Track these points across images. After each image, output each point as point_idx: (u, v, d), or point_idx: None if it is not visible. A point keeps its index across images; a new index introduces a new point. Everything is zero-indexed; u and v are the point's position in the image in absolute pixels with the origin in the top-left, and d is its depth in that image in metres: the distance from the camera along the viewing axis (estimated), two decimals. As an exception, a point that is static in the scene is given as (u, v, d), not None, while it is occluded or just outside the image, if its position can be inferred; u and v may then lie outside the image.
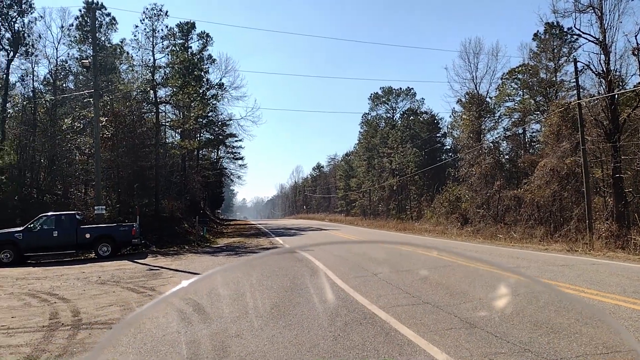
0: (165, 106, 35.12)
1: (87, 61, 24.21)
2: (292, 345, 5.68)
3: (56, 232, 19.04)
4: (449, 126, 55.39)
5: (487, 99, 41.75)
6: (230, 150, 61.82)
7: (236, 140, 57.99)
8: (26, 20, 32.28)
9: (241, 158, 64.08)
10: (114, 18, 38.91)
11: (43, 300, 9.91)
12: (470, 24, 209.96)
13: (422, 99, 69.72)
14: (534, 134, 41.16)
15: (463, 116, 42.85)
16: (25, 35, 32.11)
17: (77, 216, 20.39)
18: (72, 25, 36.73)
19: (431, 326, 6.59)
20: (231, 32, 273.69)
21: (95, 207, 22.34)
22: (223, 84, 46.18)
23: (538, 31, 36.73)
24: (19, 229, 19.09)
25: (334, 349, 5.56)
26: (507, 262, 13.73)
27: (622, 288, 9.11)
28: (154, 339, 6.12)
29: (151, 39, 29.47)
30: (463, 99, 42.53)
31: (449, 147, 59.30)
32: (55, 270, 15.45)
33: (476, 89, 40.99)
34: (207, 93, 44.00)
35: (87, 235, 19.34)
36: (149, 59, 29.57)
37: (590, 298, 8.15)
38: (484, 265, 13.03)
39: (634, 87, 24.44)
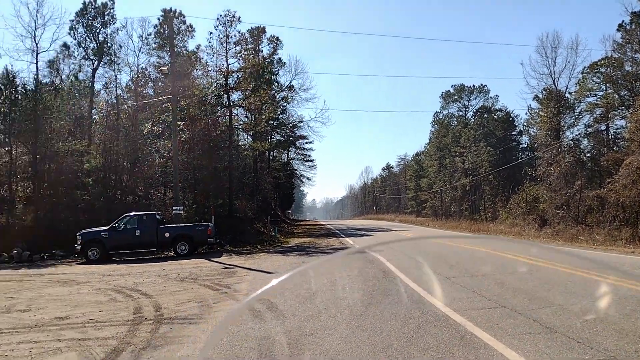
0: (237, 109, 36.11)
1: (165, 68, 25.37)
2: (365, 345, 5.69)
3: (138, 231, 20.07)
4: (525, 124, 53.21)
5: (567, 95, 39.79)
6: (300, 152, 62.68)
7: (306, 142, 58.72)
8: (109, 31, 34.27)
9: (311, 159, 64.82)
10: (190, 25, 40.42)
11: (127, 296, 10.48)
12: (547, 18, 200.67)
13: (496, 95, 67.53)
14: (619, 130, 38.79)
15: (540, 113, 41.12)
16: (109, 44, 34.11)
17: (158, 216, 21.39)
18: (151, 34, 38.58)
19: (509, 330, 6.38)
20: (300, 34, 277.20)
21: (174, 208, 23.33)
22: (293, 86, 46.90)
23: (623, 21, 34.60)
24: (104, 228, 20.27)
25: (408, 351, 5.51)
26: (590, 266, 13.03)
27: None
28: (229, 334, 6.31)
29: (224, 44, 30.42)
30: (540, 95, 40.84)
31: (525, 146, 57.02)
32: (138, 267, 16.29)
33: (554, 84, 39.20)
34: (278, 95, 44.87)
35: (167, 235, 20.25)
36: (222, 64, 30.54)
37: (685, 306, 7.59)
38: (564, 268, 12.44)
39: None
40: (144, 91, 39.19)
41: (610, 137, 39.40)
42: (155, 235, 20.15)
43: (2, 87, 27.50)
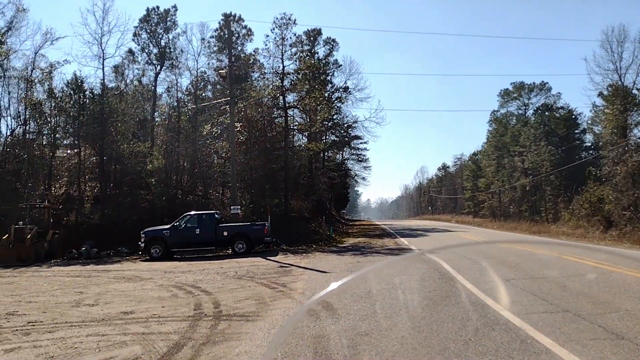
0: (293, 110, 36.56)
1: (223, 71, 25.99)
2: (421, 347, 5.66)
3: (198, 229, 20.69)
4: (589, 122, 51.06)
5: (634, 91, 37.90)
6: (354, 152, 62.64)
7: (361, 142, 58.64)
8: (171, 36, 35.52)
9: (366, 159, 64.66)
10: (249, 29, 41.33)
11: (188, 292, 10.84)
12: (612, 10, 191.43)
13: (559, 93, 65.14)
14: (693, 127, 36.58)
15: (605, 110, 39.35)
16: (170, 49, 35.34)
17: (216, 215, 21.97)
18: (212, 37, 39.63)
19: (572, 335, 6.19)
20: (355, 35, 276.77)
21: (232, 207, 23.89)
22: (347, 86, 46.96)
23: (697, 11, 32.61)
24: (166, 226, 21.02)
25: (465, 354, 5.45)
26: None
27: None
28: (285, 332, 6.42)
29: (280, 47, 30.90)
30: (605, 92, 39.13)
31: (589, 144, 54.73)
32: (198, 265, 16.80)
33: (620, 80, 37.47)
34: (332, 96, 45.03)
35: (225, 233, 20.77)
36: (279, 66, 31.01)
37: None
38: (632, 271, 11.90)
39: None
40: (203, 94, 40.36)
41: (683, 134, 37.19)
42: (214, 233, 20.71)
43: (72, 92, 29.06)
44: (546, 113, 59.20)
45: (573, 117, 56.07)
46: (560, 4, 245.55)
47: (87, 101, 29.08)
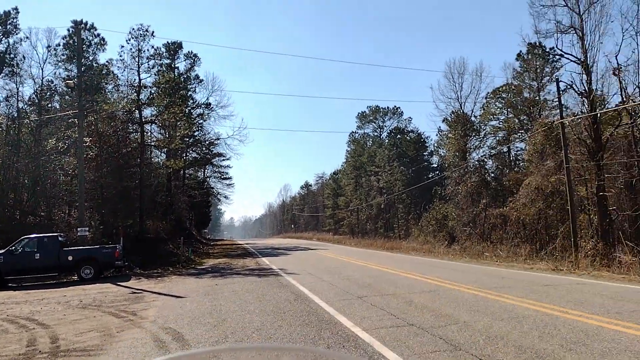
0: (150, 126, 35.02)
1: (71, 82, 24.11)
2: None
3: (38, 254, 18.69)
4: (436, 145, 55.84)
5: (472, 118, 42.22)
6: (217, 170, 61.73)
7: (223, 160, 57.96)
8: (11, 41, 32.21)
9: (229, 177, 64.01)
10: (103, 38, 38.91)
11: (21, 326, 9.67)
12: (455, 44, 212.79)
13: (409, 117, 70.45)
14: (519, 152, 41.57)
15: (449, 135, 43.21)
16: (10, 55, 32.00)
17: (60, 238, 20.06)
18: (59, 45, 36.68)
19: (416, 349, 6.52)
20: (218, 52, 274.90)
21: (79, 229, 22.04)
22: (210, 103, 46.26)
23: (521, 51, 37.32)
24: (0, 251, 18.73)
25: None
26: (492, 283, 13.71)
27: (606, 309, 9.10)
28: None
29: (137, 58, 29.47)
30: (449, 118, 42.99)
31: (435, 166, 59.67)
32: (37, 294, 15.13)
33: (461, 108, 41.50)
34: (194, 112, 44.01)
35: (70, 258, 19.02)
36: (135, 79, 29.53)
37: (575, 319, 8.13)
38: (468, 288, 13.04)
39: (615, 107, 24.83)
40: (49, 105, 37.08)
41: (511, 158, 42.11)
42: (57, 258, 18.86)
43: None
44: (398, 136, 63.51)
45: (422, 140, 60.83)
46: (411, 37, 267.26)
47: None
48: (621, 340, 6.71)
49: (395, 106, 71.61)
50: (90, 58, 38.37)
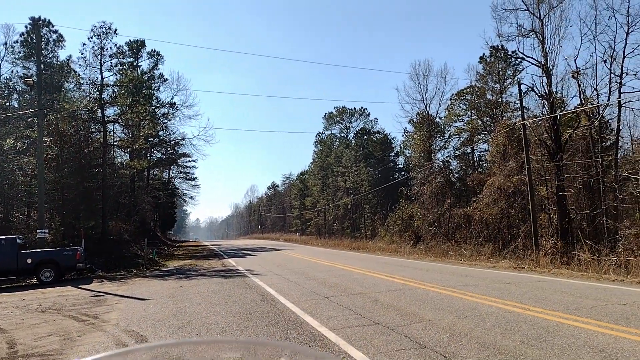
0: (113, 125, 34.30)
1: (30, 79, 23.42)
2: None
3: (-5, 257, 18.06)
4: (401, 145, 56.37)
5: (437, 119, 42.77)
6: (182, 170, 60.95)
7: (189, 160, 57.29)
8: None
9: (194, 178, 63.27)
10: (61, 35, 37.94)
11: (-25, 332, 9.33)
12: (420, 46, 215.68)
13: (376, 118, 70.81)
14: (482, 153, 42.36)
15: (414, 136, 43.66)
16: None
17: (18, 240, 19.42)
18: (17, 42, 35.58)
19: (381, 347, 6.56)
20: (183, 51, 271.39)
21: (38, 231, 21.40)
22: (175, 102, 45.59)
23: (484, 54, 38.05)
24: (-48, 255, 18.00)
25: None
26: (456, 281, 13.93)
27: (565, 305, 9.36)
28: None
29: (99, 57, 28.78)
30: (414, 119, 43.41)
31: (401, 166, 60.26)
32: (-8, 299, 14.62)
33: (426, 109, 41.98)
34: (158, 112, 43.31)
35: (29, 261, 18.44)
36: (97, 77, 28.84)
37: (536, 316, 8.33)
38: (433, 287, 13.22)
39: (574, 109, 25.58)
40: (7, 103, 35.90)
41: (475, 159, 42.90)
42: (15, 261, 18.27)
43: None
44: (365, 136, 63.87)
45: (388, 141, 61.33)
46: (378, 38, 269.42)
47: None
48: (580, 335, 6.91)
49: (362, 107, 72.13)
50: (50, 56, 37.35)
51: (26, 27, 34.64)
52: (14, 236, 19.91)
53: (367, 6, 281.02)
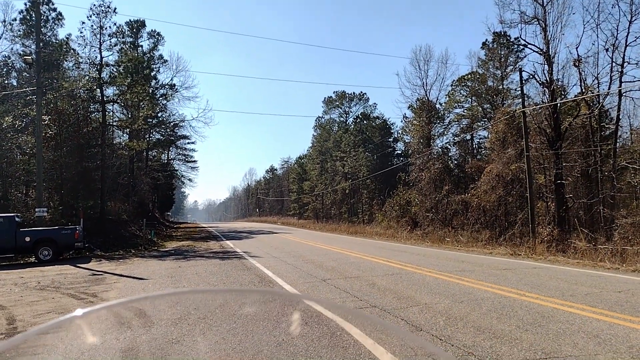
0: (113, 105, 34.15)
1: (29, 57, 23.24)
2: (235, 353, 5.58)
3: (-7, 235, 18.12)
4: (400, 131, 56.36)
5: (437, 106, 42.68)
6: (181, 152, 60.89)
7: (188, 142, 57.20)
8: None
9: (193, 160, 63.22)
10: (60, 13, 37.72)
11: (-25, 308, 9.40)
12: (421, 31, 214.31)
13: (375, 104, 70.78)
14: (481, 140, 42.37)
15: (414, 122, 43.59)
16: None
17: (17, 218, 19.47)
18: (16, 19, 35.32)
19: (378, 326, 6.63)
20: (183, 31, 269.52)
21: (37, 209, 21.42)
22: (174, 84, 45.43)
23: (486, 40, 37.89)
24: (-49, 232, 18.04)
25: (278, 356, 5.49)
26: (453, 266, 14.02)
27: (561, 291, 9.44)
28: (91, 347, 5.87)
29: (98, 36, 28.52)
30: (414, 105, 43.30)
31: (400, 152, 60.23)
32: (-9, 276, 14.69)
33: (426, 95, 41.83)
34: (157, 92, 43.15)
35: (27, 239, 18.50)
36: (96, 57, 28.62)
37: (531, 302, 8.40)
38: (429, 271, 13.30)
39: (574, 97, 25.54)
40: (6, 81, 35.76)
41: (474, 146, 42.91)
42: (14, 239, 18.32)
43: None
44: (364, 122, 63.76)
45: (387, 126, 61.24)
46: (380, 23, 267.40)
47: None
48: (575, 321, 6.98)
49: (361, 92, 72.03)
50: (49, 34, 37.12)
51: (25, 4, 34.43)
52: (12, 214, 19.96)
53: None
